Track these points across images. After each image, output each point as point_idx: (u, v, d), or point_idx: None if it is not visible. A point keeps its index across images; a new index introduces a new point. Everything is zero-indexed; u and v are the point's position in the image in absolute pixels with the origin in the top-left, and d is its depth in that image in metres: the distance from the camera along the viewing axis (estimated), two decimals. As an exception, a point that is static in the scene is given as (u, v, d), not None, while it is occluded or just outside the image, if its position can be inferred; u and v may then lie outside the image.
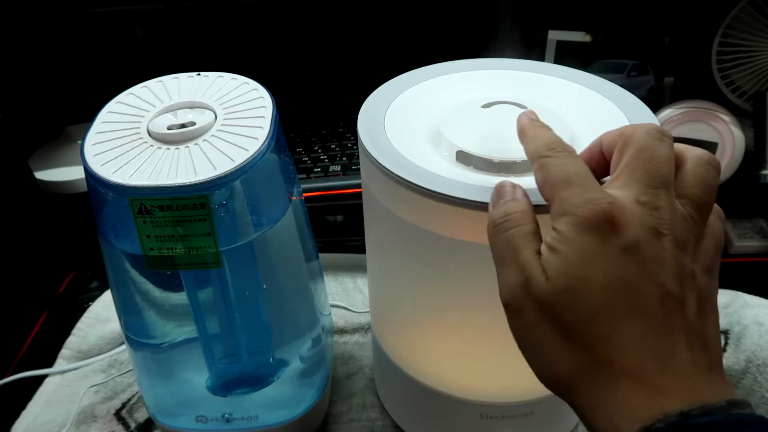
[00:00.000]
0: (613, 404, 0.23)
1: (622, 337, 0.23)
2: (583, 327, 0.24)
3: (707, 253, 0.26)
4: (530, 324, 0.25)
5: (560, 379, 0.25)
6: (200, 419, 0.43)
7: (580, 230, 0.24)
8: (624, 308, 0.23)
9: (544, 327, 0.25)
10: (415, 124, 0.38)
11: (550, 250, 0.25)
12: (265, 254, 0.39)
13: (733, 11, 0.63)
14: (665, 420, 0.22)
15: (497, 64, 0.44)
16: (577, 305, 0.24)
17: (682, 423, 0.21)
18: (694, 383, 0.23)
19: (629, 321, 0.23)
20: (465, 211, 0.31)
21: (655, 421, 0.22)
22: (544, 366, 0.26)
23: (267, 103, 0.37)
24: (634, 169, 0.25)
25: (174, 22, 0.73)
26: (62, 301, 0.64)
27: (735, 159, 0.65)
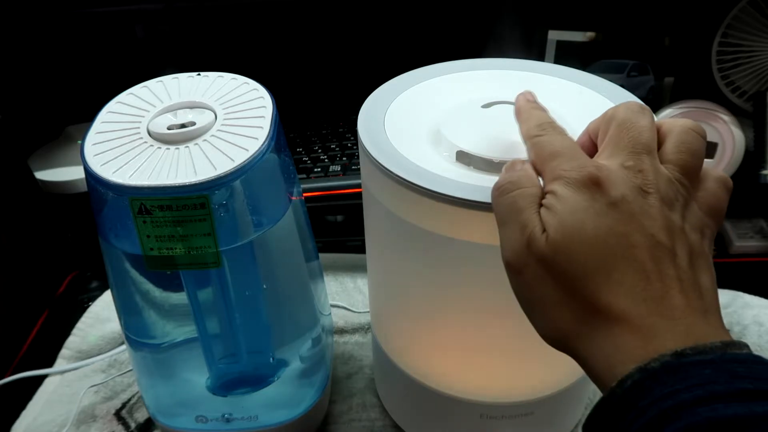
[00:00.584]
0: (610, 348, 0.24)
1: (616, 284, 0.24)
2: (579, 277, 0.25)
3: (697, 214, 0.27)
4: (531, 281, 0.26)
5: (561, 331, 0.26)
6: (200, 419, 0.43)
7: (571, 189, 0.26)
8: (616, 256, 0.24)
9: (545, 283, 0.26)
10: (415, 124, 0.38)
11: (547, 210, 0.26)
12: (265, 254, 0.39)
13: (733, 11, 0.63)
14: (660, 359, 0.22)
15: (497, 64, 0.44)
16: (572, 257, 0.25)
17: (675, 362, 0.22)
18: (689, 326, 0.23)
19: (621, 268, 0.24)
20: (465, 211, 0.31)
21: (650, 360, 0.23)
22: (547, 321, 0.26)
23: (267, 103, 0.37)
24: (618, 140, 0.27)
25: (174, 22, 0.73)
26: (62, 301, 0.64)
27: (735, 159, 0.65)
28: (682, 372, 0.22)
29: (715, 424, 0.20)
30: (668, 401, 0.21)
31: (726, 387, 0.21)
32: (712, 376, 0.21)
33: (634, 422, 0.22)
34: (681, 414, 0.21)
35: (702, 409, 0.21)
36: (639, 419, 0.22)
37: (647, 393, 0.22)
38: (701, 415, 0.20)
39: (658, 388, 0.22)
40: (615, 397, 0.23)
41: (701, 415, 0.20)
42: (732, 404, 0.20)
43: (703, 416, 0.20)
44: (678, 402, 0.21)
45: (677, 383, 0.21)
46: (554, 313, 0.26)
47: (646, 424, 0.21)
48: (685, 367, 0.22)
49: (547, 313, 0.26)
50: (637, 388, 0.22)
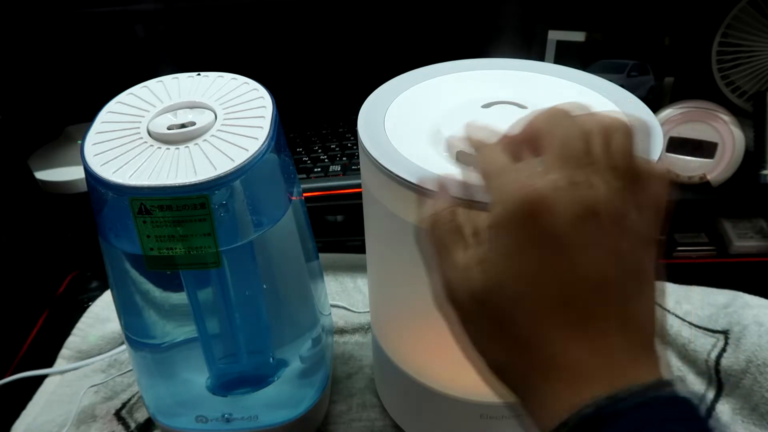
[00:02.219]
0: (546, 390, 0.23)
1: (549, 328, 0.23)
2: (509, 318, 0.24)
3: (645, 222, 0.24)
4: (468, 315, 0.26)
5: (496, 367, 0.26)
6: (200, 419, 0.43)
7: (504, 223, 0.24)
8: (549, 299, 0.23)
9: (480, 317, 0.25)
10: (416, 124, 0.38)
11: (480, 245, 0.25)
12: (265, 254, 0.39)
13: (733, 11, 0.63)
14: (594, 404, 0.22)
15: (497, 64, 0.44)
16: (504, 297, 0.24)
17: (610, 407, 0.22)
18: (624, 367, 0.23)
19: (554, 311, 0.23)
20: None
21: (583, 406, 0.22)
22: (482, 354, 0.26)
23: (267, 103, 0.37)
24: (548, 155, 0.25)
25: (174, 22, 0.73)
26: (62, 301, 0.64)
27: (735, 159, 0.65)
28: (615, 417, 0.21)
29: None
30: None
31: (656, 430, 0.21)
32: (643, 420, 0.21)
33: None
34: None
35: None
36: None
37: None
38: None
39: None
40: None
41: None
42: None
43: None
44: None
45: (610, 429, 0.21)
46: (487, 346, 0.26)
47: None
48: (618, 412, 0.21)
49: (482, 346, 0.26)
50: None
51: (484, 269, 0.25)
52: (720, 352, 0.52)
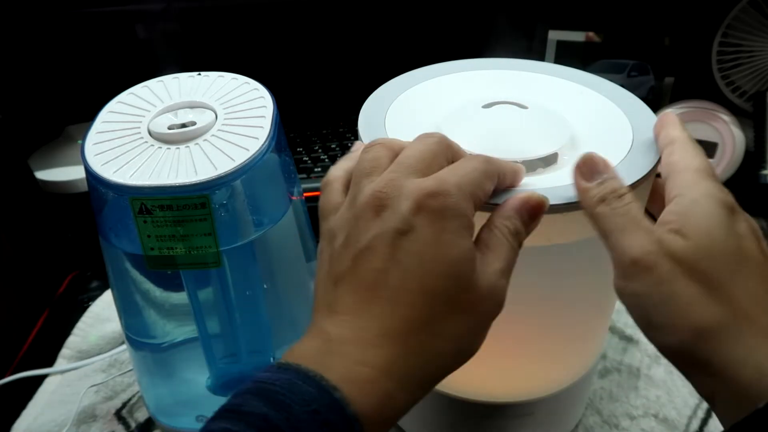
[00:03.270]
0: (760, 355, 0.24)
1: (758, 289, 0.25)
2: (727, 281, 0.25)
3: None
4: (662, 279, 0.26)
5: (695, 332, 0.25)
6: (201, 419, 0.43)
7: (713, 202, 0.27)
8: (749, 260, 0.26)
9: (680, 281, 0.25)
10: (416, 124, 0.38)
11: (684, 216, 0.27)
12: (265, 254, 0.39)
13: (733, 11, 0.63)
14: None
15: (497, 64, 0.44)
16: (721, 260, 0.25)
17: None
18: None
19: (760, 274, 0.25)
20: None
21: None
22: (679, 321, 0.26)
23: (267, 103, 0.37)
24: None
25: (174, 22, 0.73)
26: (62, 301, 0.64)
27: (735, 159, 0.65)
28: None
29: None
30: None
31: None
32: None
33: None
34: None
35: None
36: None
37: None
38: None
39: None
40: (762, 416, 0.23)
41: None
42: None
43: None
44: None
45: None
46: (690, 309, 0.25)
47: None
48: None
49: (680, 312, 0.25)
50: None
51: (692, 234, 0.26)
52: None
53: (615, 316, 0.57)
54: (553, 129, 0.35)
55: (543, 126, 0.36)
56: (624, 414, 0.49)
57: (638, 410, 0.49)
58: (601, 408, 0.49)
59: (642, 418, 0.48)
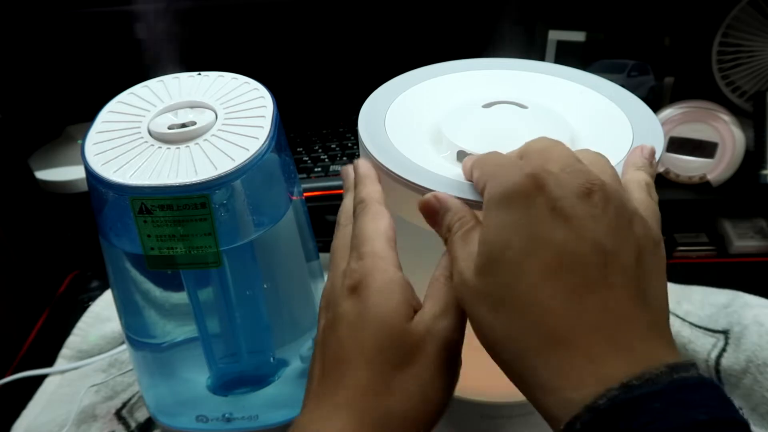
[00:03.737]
0: (552, 377, 0.22)
1: (549, 296, 0.23)
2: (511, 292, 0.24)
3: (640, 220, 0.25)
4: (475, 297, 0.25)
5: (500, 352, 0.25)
6: (201, 419, 0.43)
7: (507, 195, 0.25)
8: (546, 266, 0.23)
9: (484, 296, 0.25)
10: (416, 124, 0.38)
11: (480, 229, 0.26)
12: (265, 254, 0.39)
13: (733, 11, 0.63)
14: (607, 395, 0.21)
15: (497, 64, 0.44)
16: (505, 267, 0.24)
17: (624, 396, 0.21)
18: (635, 348, 0.22)
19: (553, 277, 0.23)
20: (465, 211, 0.31)
21: (597, 397, 0.21)
22: (489, 346, 0.25)
23: (267, 103, 0.37)
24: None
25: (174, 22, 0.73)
26: (63, 301, 0.64)
27: (735, 159, 0.65)
28: (632, 409, 0.20)
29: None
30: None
31: (678, 421, 0.20)
32: (662, 411, 0.20)
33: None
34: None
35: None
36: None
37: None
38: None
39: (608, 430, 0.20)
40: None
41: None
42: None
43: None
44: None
45: (628, 422, 0.20)
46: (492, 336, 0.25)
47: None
48: (634, 402, 0.20)
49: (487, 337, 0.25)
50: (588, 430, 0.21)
51: (483, 248, 0.25)
52: (720, 352, 0.52)
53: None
54: (553, 129, 0.35)
55: (543, 126, 0.36)
56: (624, 414, 0.49)
57: (638, 410, 0.49)
58: (601, 408, 0.49)
59: (642, 418, 0.48)
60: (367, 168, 0.33)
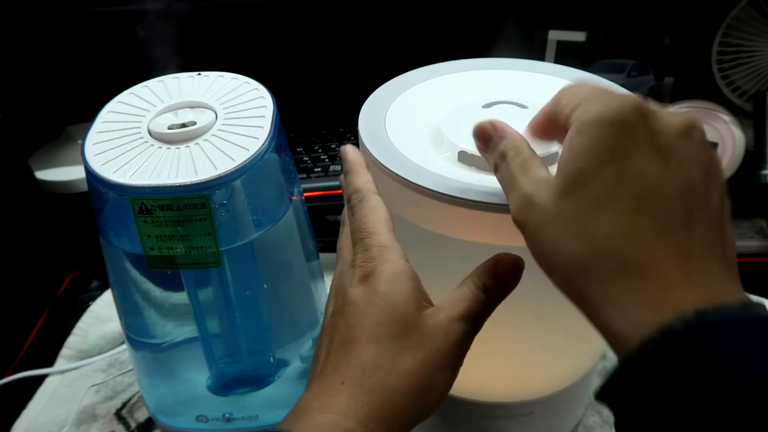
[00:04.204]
0: (626, 298, 0.23)
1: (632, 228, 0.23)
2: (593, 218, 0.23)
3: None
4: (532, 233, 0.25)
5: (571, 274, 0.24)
6: (201, 419, 0.43)
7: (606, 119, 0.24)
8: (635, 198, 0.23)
9: (547, 230, 0.25)
10: (416, 124, 0.38)
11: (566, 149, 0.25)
12: (265, 254, 0.39)
13: (733, 11, 0.63)
14: (683, 319, 0.21)
15: (497, 64, 0.44)
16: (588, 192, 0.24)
17: (699, 322, 0.21)
18: (711, 282, 0.23)
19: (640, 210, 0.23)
20: (466, 211, 0.31)
21: (672, 321, 0.21)
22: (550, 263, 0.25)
23: (267, 103, 0.37)
24: None
25: (174, 22, 0.73)
26: (63, 301, 0.64)
27: (735, 159, 0.65)
28: (707, 333, 0.21)
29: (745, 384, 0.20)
30: (695, 364, 0.20)
31: (752, 345, 0.20)
32: (736, 338, 0.21)
33: (659, 386, 0.21)
34: (709, 375, 0.20)
35: (733, 368, 0.20)
36: (665, 383, 0.21)
37: (672, 357, 0.21)
38: (730, 376, 0.20)
39: (683, 350, 0.21)
40: (637, 361, 0.22)
41: (730, 376, 0.20)
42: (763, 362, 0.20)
43: (733, 376, 0.20)
44: (706, 363, 0.20)
45: (703, 345, 0.21)
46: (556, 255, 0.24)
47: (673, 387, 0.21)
48: (709, 327, 0.21)
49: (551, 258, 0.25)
50: (661, 351, 0.21)
51: (568, 170, 0.24)
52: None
53: (615, 316, 0.57)
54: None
55: (543, 126, 0.36)
56: (624, 414, 0.49)
57: (638, 410, 0.49)
58: (601, 408, 0.49)
59: (642, 418, 0.48)
60: (354, 154, 0.33)
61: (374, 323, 0.27)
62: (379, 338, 0.27)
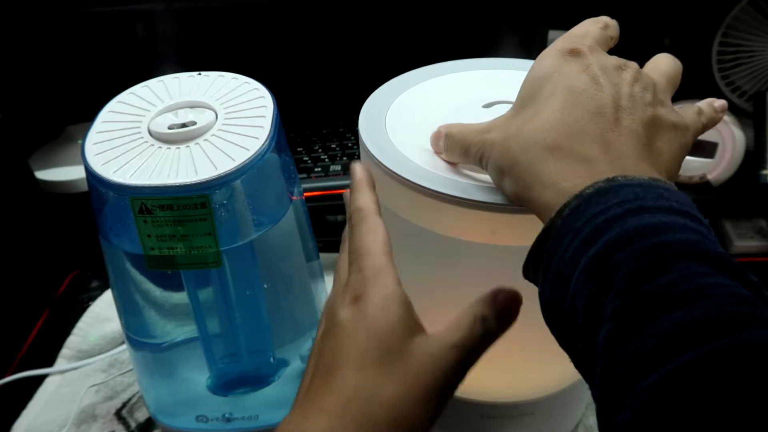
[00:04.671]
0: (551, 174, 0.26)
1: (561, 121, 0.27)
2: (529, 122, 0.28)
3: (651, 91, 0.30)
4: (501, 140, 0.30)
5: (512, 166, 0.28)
6: (201, 419, 0.43)
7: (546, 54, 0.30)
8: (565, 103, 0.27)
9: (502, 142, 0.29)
10: (416, 124, 0.38)
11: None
12: (265, 254, 0.39)
13: (733, 11, 0.63)
14: (594, 186, 0.24)
15: (497, 64, 0.44)
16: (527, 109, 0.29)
17: (608, 186, 0.24)
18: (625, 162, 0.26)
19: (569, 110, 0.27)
20: (466, 211, 0.31)
21: (584, 188, 0.24)
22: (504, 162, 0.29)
23: (268, 103, 0.37)
24: None
25: (174, 22, 0.73)
26: (63, 301, 0.64)
27: (735, 159, 0.65)
28: (614, 192, 0.23)
29: (642, 230, 0.22)
30: (600, 217, 0.23)
31: (654, 203, 0.23)
32: (641, 194, 0.23)
33: (571, 243, 0.23)
34: (612, 225, 0.22)
35: (632, 218, 0.22)
36: (575, 239, 0.23)
37: (582, 214, 0.24)
38: (630, 224, 0.22)
39: (591, 208, 0.23)
40: (554, 226, 0.25)
41: (630, 224, 0.22)
42: (658, 214, 0.22)
43: (632, 225, 0.22)
44: (609, 216, 0.23)
45: (609, 201, 0.23)
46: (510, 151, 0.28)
47: (582, 241, 0.23)
48: (616, 188, 0.24)
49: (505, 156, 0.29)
50: (574, 212, 0.24)
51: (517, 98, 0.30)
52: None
53: (615, 316, 0.57)
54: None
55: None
56: (624, 414, 0.49)
57: (638, 410, 0.49)
58: (601, 408, 0.49)
59: (642, 418, 0.48)
60: (362, 173, 0.33)
61: (360, 348, 0.27)
62: (363, 364, 0.26)
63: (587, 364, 0.23)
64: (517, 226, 0.32)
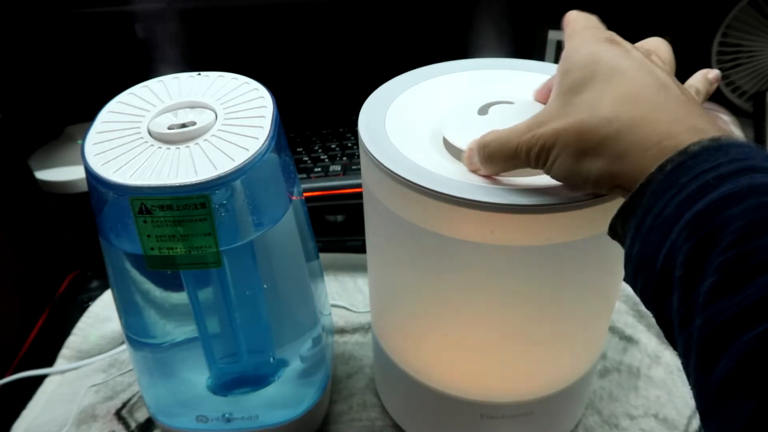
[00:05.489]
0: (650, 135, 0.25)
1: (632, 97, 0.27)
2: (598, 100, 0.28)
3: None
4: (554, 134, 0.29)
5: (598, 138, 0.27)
6: (201, 419, 0.43)
7: (587, 40, 0.31)
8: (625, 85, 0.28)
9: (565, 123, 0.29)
10: (416, 124, 0.38)
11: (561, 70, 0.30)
12: (265, 254, 0.39)
13: (733, 11, 0.63)
14: (699, 143, 0.24)
15: (497, 64, 0.44)
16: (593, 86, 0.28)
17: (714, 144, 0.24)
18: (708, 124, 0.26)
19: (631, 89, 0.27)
20: (466, 211, 0.31)
21: (689, 145, 0.24)
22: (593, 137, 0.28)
23: (267, 103, 0.37)
24: None
25: (174, 22, 0.73)
26: (62, 301, 0.64)
27: (735, 159, 0.65)
28: (723, 150, 0.23)
29: (756, 188, 0.21)
30: (711, 173, 0.23)
31: (763, 163, 0.23)
32: (750, 153, 0.23)
33: (674, 198, 0.23)
34: (723, 182, 0.22)
35: (744, 177, 0.22)
36: (681, 193, 0.23)
37: (689, 170, 0.23)
38: (743, 182, 0.22)
39: (699, 165, 0.23)
40: (654, 181, 0.24)
41: (743, 182, 0.22)
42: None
43: (746, 183, 0.22)
44: (720, 173, 0.22)
45: (719, 158, 0.23)
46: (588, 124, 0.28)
47: (687, 196, 0.23)
48: (724, 147, 0.23)
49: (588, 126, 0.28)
50: (679, 168, 0.23)
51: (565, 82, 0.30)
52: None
53: (615, 316, 0.57)
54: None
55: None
56: (624, 414, 0.49)
57: (638, 410, 0.49)
58: (601, 408, 0.49)
59: (642, 418, 0.48)
60: None
61: None
62: None
63: (681, 318, 0.23)
64: (517, 226, 0.32)
